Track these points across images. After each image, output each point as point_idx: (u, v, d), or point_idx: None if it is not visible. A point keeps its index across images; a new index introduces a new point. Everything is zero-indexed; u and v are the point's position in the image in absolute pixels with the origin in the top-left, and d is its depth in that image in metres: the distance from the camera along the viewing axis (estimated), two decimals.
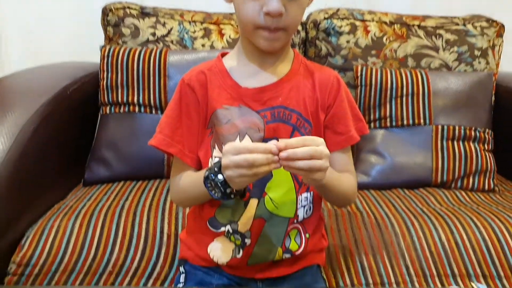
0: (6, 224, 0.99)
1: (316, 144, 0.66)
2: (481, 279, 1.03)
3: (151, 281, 1.01)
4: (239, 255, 0.82)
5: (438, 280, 1.02)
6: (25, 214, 1.06)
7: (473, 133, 1.39)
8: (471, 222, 1.11)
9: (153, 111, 1.37)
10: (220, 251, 0.83)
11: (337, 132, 0.83)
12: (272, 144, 0.65)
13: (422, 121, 1.40)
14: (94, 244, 1.01)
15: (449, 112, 1.40)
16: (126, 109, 1.37)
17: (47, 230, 1.02)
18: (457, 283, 1.02)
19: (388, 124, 1.41)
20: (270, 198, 0.80)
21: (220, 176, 0.69)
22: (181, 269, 0.90)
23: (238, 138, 0.79)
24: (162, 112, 1.37)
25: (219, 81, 0.82)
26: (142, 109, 1.37)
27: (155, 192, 1.22)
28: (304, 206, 0.83)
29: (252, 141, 0.79)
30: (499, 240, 1.06)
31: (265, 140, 0.78)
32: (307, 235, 0.85)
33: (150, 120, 1.35)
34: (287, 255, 0.83)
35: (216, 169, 0.70)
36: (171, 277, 1.01)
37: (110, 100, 1.37)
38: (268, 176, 0.78)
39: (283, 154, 0.64)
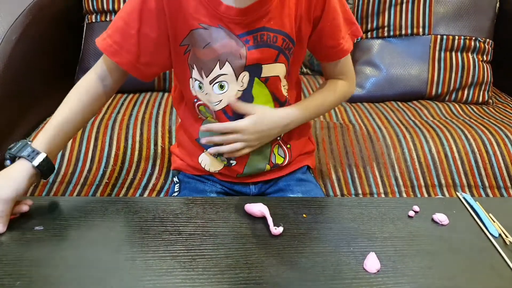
0: (1, 136, 0.99)
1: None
2: (466, 189, 1.06)
3: (147, 192, 1.04)
4: (234, 163, 0.83)
5: (425, 191, 1.06)
6: (19, 127, 1.06)
7: (473, 43, 1.35)
8: (462, 134, 1.12)
9: None
10: (210, 161, 0.84)
11: (327, 46, 0.78)
12: None
13: (421, 30, 1.35)
14: (89, 156, 1.02)
15: (450, 20, 1.35)
16: (113, 17, 1.30)
17: None
18: (443, 193, 1.06)
19: (386, 33, 1.36)
20: None
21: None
22: (175, 179, 0.92)
23: (217, 66, 0.73)
24: None
25: None
26: None
27: (146, 105, 1.20)
28: None
29: (233, 68, 0.73)
30: (487, 152, 1.08)
31: (247, 67, 0.72)
32: (288, 146, 0.86)
33: None
34: (275, 168, 0.86)
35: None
36: (166, 188, 1.04)
37: (95, 7, 1.30)
38: (248, 100, 0.76)
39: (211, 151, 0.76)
